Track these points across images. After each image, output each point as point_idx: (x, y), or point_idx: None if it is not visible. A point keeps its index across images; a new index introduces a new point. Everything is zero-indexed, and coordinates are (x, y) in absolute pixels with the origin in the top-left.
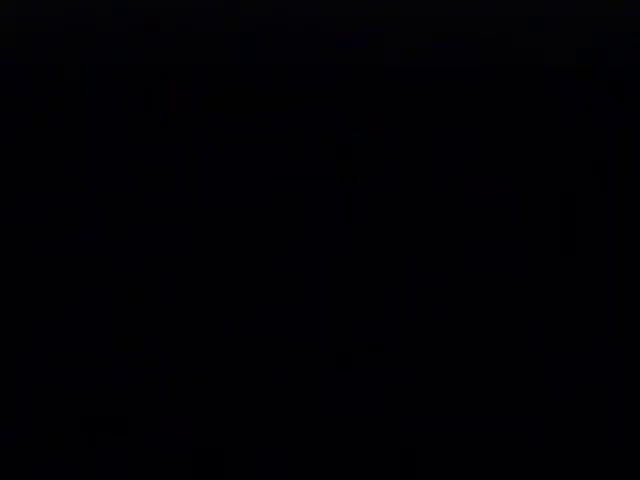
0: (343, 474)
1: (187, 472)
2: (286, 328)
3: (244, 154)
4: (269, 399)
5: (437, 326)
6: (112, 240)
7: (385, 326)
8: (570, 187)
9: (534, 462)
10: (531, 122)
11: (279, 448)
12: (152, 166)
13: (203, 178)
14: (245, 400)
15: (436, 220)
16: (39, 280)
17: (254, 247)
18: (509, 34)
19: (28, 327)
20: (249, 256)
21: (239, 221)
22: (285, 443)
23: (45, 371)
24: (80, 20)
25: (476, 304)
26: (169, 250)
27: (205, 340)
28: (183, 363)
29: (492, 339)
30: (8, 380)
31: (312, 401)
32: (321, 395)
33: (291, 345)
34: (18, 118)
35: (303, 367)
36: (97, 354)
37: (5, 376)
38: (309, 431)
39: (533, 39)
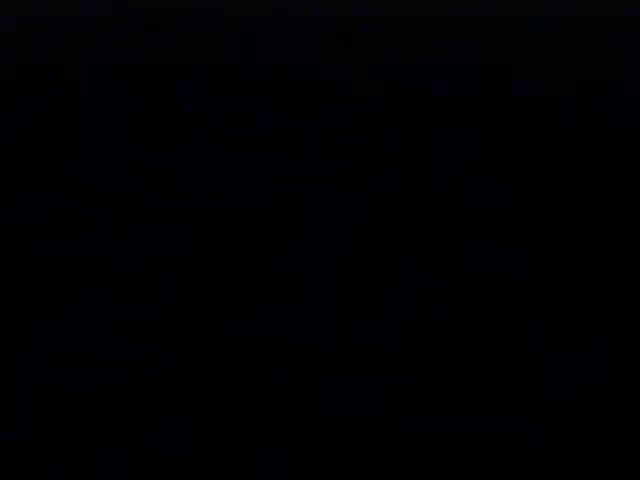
0: (343, 474)
1: (187, 472)
2: (286, 328)
3: (244, 154)
4: (269, 399)
5: (437, 326)
6: (112, 240)
7: (385, 326)
8: (570, 187)
9: (534, 462)
10: (531, 122)
11: (279, 448)
12: (152, 166)
13: (203, 178)
14: (245, 400)
15: (436, 220)
16: (39, 280)
17: (254, 247)
18: (509, 34)
19: (28, 327)
20: (249, 256)
21: (239, 221)
22: (285, 443)
23: (45, 371)
24: (80, 20)
25: (476, 304)
26: (169, 250)
27: (205, 340)
28: (183, 363)
29: (492, 339)
30: (8, 380)
31: (312, 401)
32: (321, 395)
33: (291, 345)
34: (18, 118)
35: (303, 367)
36: (97, 354)
37: (5, 376)
38: (309, 431)
39: (533, 39)
